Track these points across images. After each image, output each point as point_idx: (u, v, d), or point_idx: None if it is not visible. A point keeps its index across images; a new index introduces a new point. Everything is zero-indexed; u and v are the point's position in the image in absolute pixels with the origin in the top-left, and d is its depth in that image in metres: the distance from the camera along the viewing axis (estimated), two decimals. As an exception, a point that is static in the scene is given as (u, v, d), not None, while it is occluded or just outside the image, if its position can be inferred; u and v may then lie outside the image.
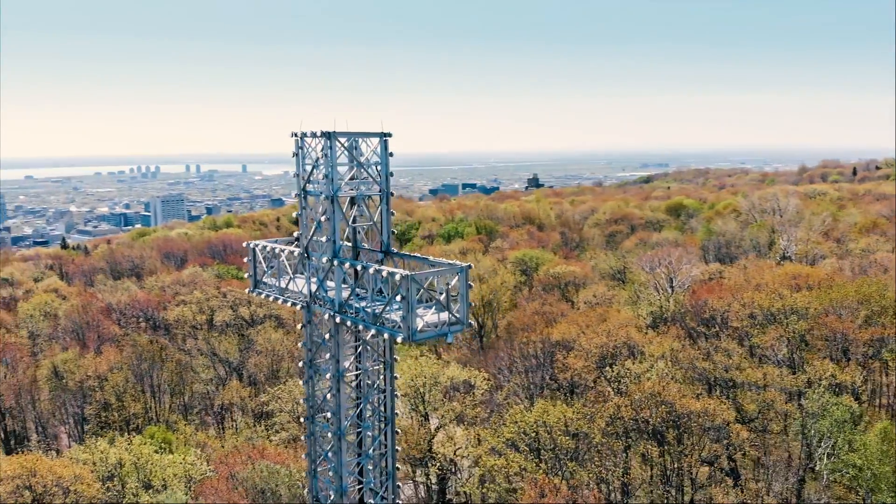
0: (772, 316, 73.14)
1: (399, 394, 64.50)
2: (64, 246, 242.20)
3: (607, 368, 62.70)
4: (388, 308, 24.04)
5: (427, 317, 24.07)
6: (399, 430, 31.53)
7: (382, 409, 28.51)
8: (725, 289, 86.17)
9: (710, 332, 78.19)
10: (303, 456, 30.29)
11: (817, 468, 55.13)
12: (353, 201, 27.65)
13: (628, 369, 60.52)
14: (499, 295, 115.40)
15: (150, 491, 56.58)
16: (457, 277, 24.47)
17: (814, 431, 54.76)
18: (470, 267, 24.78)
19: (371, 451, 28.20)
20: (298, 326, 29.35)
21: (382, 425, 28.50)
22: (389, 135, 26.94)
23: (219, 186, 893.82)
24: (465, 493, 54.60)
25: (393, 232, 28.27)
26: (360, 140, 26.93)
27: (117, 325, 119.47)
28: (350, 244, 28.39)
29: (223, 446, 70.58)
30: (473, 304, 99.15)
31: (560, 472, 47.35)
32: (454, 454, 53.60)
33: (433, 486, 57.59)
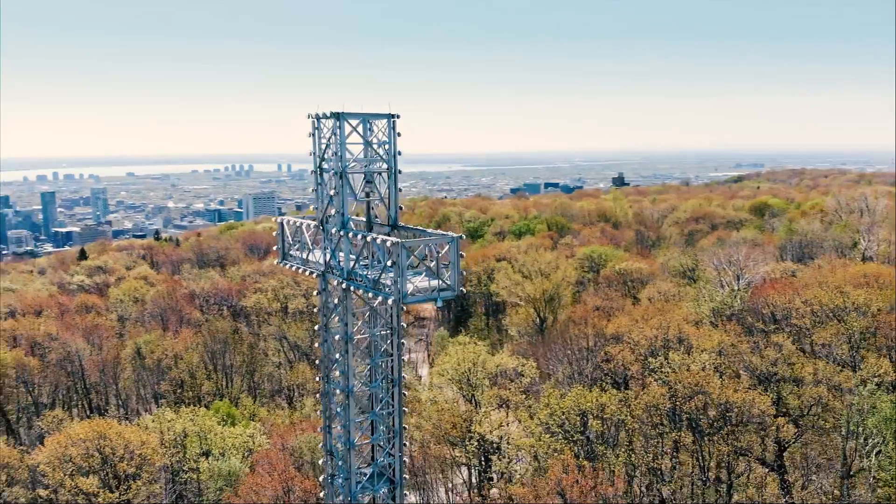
0: (832, 313, 71.40)
1: (447, 377, 66.73)
2: (157, 237, 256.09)
3: (650, 359, 62.91)
4: (384, 274, 26.15)
5: (418, 282, 26.03)
6: (432, 408, 33.40)
7: (390, 371, 30.65)
8: (790, 286, 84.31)
9: (769, 329, 76.81)
10: (317, 412, 32.69)
11: (864, 466, 53.87)
12: (366, 179, 29.86)
13: (671, 360, 60.59)
14: (560, 290, 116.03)
15: (209, 458, 60.65)
16: (448, 247, 26.21)
17: (861, 428, 53.54)
18: (461, 237, 26.55)
19: (378, 409, 30.40)
20: (314, 293, 31.81)
21: (390, 386, 30.66)
22: (397, 116, 29.04)
23: (308, 185, 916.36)
24: (501, 472, 56.14)
25: (401, 208, 30.32)
26: (372, 121, 29.13)
27: (199, 311, 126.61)
28: (365, 219, 30.63)
29: (283, 422, 74.41)
30: (533, 298, 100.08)
31: (590, 455, 48.25)
32: (490, 433, 55.22)
33: (474, 466, 59.38)
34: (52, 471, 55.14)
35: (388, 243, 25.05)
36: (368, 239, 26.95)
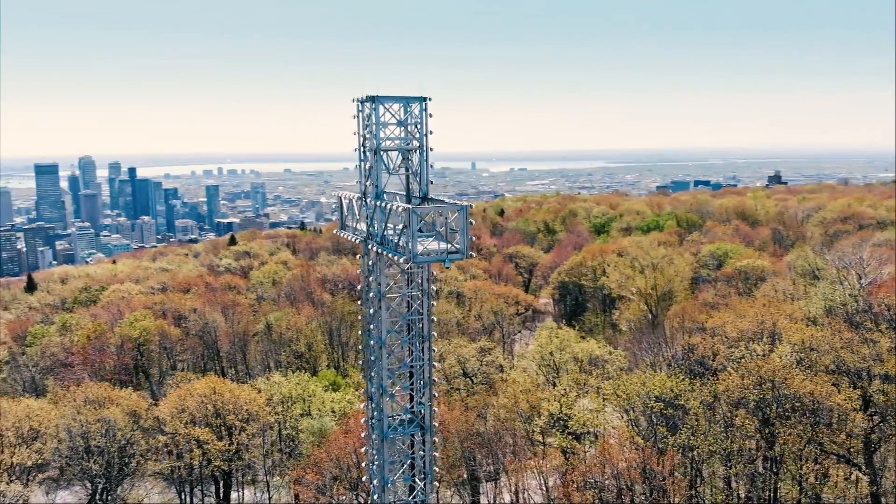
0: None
1: (528, 359, 69.48)
2: (302, 227, 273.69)
3: (733, 350, 62.59)
4: (401, 237, 29.84)
5: (429, 244, 29.52)
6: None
7: (422, 328, 34.31)
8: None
9: (879, 328, 73.54)
10: (360, 362, 36.60)
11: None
12: (403, 157, 33.65)
13: (753, 350, 60.10)
14: (674, 285, 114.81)
15: (308, 418, 66.96)
16: (456, 214, 29.50)
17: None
18: (470, 206, 29.70)
19: (410, 361, 34.18)
20: (357, 257, 36.00)
21: (420, 342, 34.32)
22: (429, 99, 32.59)
23: (449, 182, 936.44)
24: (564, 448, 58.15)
25: (431, 182, 33.75)
26: (414, 104, 32.88)
27: (329, 294, 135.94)
28: (404, 192, 34.43)
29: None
30: (645, 292, 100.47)
31: (649, 436, 49.48)
32: (559, 412, 57.39)
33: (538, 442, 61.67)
34: (171, 419, 63.28)
35: (400, 209, 28.68)
36: (389, 206, 30.72)
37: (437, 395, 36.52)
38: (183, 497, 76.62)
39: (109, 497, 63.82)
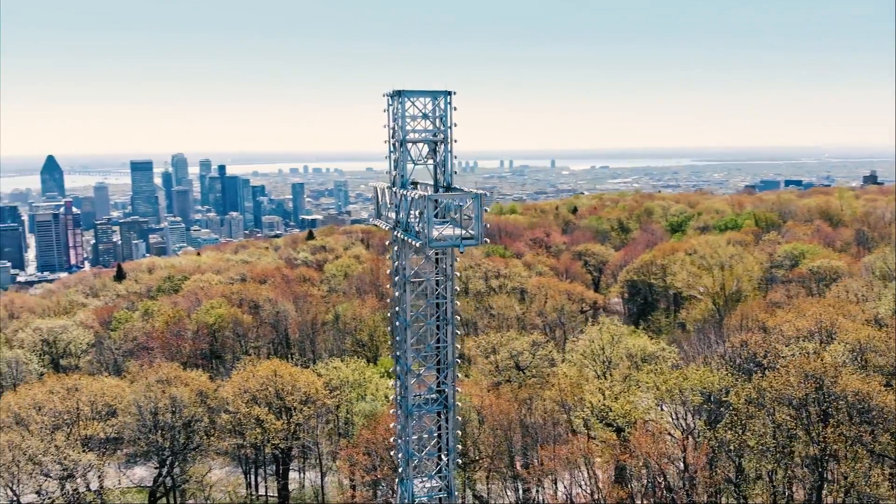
0: None
1: (580, 353, 70.35)
2: (375, 224, 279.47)
3: (784, 347, 61.66)
4: (419, 223, 31.67)
5: (444, 230, 31.24)
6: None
7: (444, 312, 36.05)
8: None
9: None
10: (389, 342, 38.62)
11: None
12: (432, 149, 35.43)
13: (804, 348, 59.13)
14: (742, 284, 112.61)
15: (362, 402, 69.76)
16: (471, 202, 31.10)
17: None
18: (484, 195, 31.25)
19: (433, 342, 35.99)
20: (387, 242, 38.07)
21: (444, 324, 36.07)
22: (452, 93, 34.27)
23: (528, 181, 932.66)
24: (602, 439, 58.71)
25: (455, 172, 35.41)
26: (440, 98, 34.63)
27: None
28: (433, 182, 36.24)
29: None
30: (712, 291, 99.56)
31: (686, 428, 49.60)
32: (601, 403, 57.98)
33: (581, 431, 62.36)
34: (233, 399, 67.16)
35: (416, 196, 30.49)
36: (409, 195, 32.59)
37: (486, 385, 38.28)
38: (248, 476, 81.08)
39: (176, 472, 68.27)
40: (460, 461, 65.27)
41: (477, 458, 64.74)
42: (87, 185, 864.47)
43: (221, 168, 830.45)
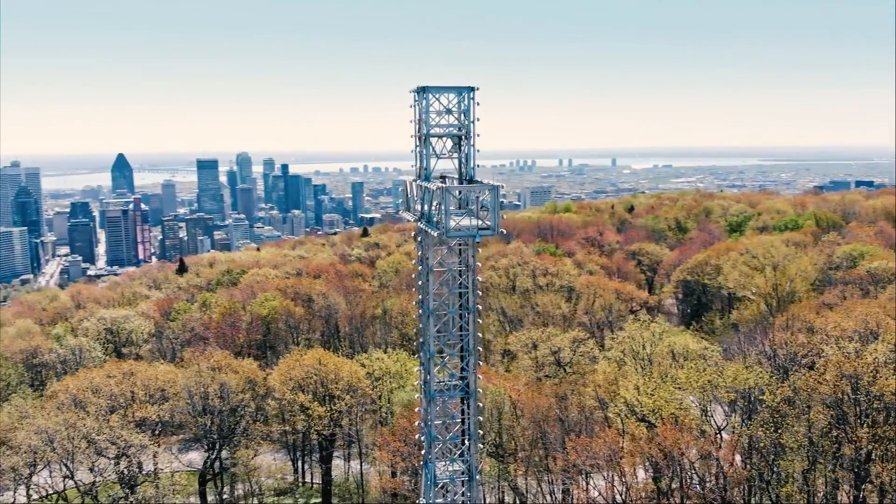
0: None
1: (618, 350, 70.56)
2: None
3: (825, 347, 60.68)
4: (438, 214, 32.91)
5: (462, 220, 32.41)
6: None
7: (466, 301, 37.21)
8: None
9: None
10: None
11: None
12: (456, 143, 36.61)
13: (844, 348, 58.08)
14: (795, 284, 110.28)
15: (401, 391, 71.51)
16: (489, 193, 32.20)
17: None
18: (501, 186, 32.30)
19: (454, 330, 37.21)
20: (413, 234, 39.41)
21: (466, 313, 37.24)
22: (475, 88, 35.36)
23: (587, 180, 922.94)
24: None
25: (477, 165, 36.48)
26: (464, 93, 35.78)
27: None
28: (457, 175, 37.44)
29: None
30: (764, 291, 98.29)
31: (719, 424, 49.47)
32: (635, 399, 58.09)
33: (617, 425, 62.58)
34: (279, 386, 69.71)
35: (434, 187, 31.74)
36: (429, 186, 33.86)
37: (524, 380, 39.39)
38: (295, 463, 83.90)
39: (224, 455, 71.21)
40: (495, 451, 66.50)
41: (513, 450, 65.68)
42: (155, 182, 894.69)
43: (284, 167, 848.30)
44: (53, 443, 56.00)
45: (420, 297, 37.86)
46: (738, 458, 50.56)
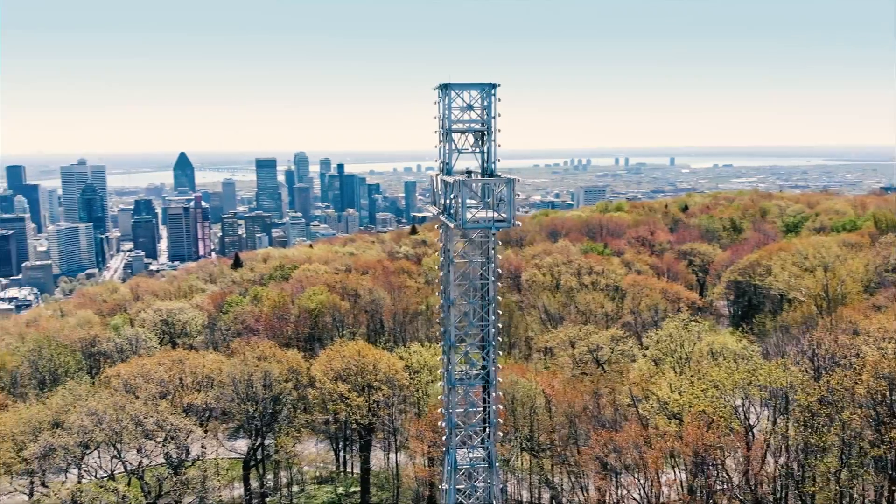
0: None
1: (654, 348, 70.58)
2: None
3: (864, 347, 59.62)
4: (456, 206, 34.09)
5: (478, 213, 33.51)
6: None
7: (486, 292, 38.31)
8: None
9: None
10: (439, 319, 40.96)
11: None
12: (479, 139, 37.72)
13: (884, 349, 57.03)
14: (845, 285, 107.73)
15: (436, 384, 72.85)
16: (505, 186, 33.23)
17: None
18: (517, 180, 33.28)
19: (473, 320, 38.34)
20: (436, 226, 40.67)
21: (486, 304, 38.32)
22: (497, 85, 36.42)
23: (644, 179, 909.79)
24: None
25: (498, 159, 37.49)
26: (486, 90, 36.88)
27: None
28: (480, 170, 38.58)
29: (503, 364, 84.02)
30: (814, 292, 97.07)
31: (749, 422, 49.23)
32: (667, 396, 58.10)
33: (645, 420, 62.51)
34: (320, 375, 71.85)
35: (453, 181, 32.93)
36: (448, 180, 35.05)
37: (560, 377, 40.39)
38: (336, 451, 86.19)
39: (268, 443, 73.72)
40: (528, 446, 67.30)
41: (547, 445, 66.37)
42: (215, 180, 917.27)
43: (340, 167, 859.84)
44: (102, 423, 59.00)
45: (442, 287, 39.11)
46: (769, 457, 50.28)
